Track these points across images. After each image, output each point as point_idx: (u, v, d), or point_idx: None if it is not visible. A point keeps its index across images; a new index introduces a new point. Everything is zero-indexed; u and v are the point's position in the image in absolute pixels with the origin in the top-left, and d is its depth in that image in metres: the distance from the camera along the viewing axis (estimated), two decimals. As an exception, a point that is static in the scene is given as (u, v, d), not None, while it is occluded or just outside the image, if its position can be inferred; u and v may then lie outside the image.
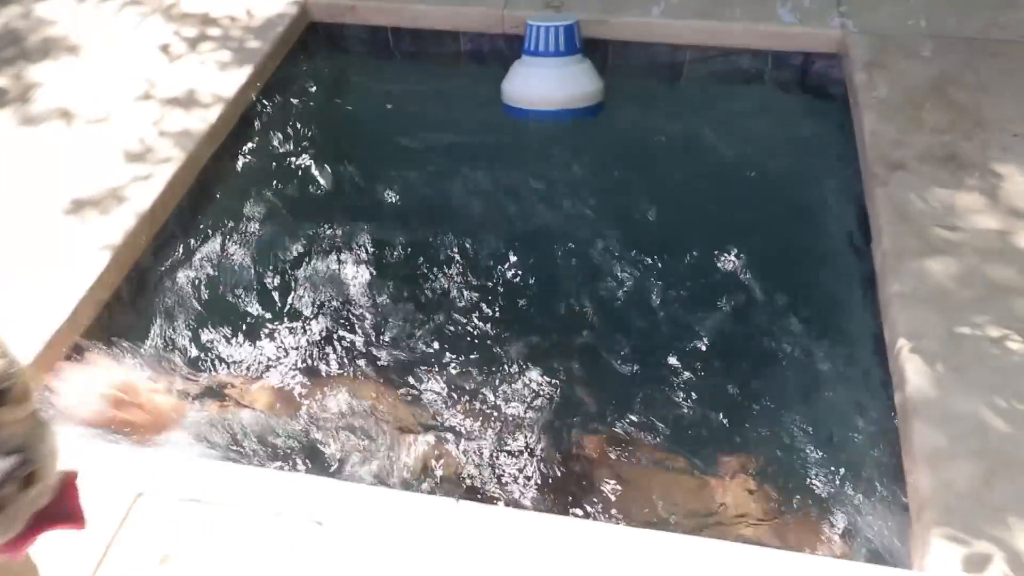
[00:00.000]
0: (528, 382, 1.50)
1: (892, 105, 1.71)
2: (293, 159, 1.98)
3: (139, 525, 1.11)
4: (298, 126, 2.03)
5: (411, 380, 1.52)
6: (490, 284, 1.72)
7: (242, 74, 1.93)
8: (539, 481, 1.34)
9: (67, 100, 1.87)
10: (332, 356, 1.59)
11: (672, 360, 1.57)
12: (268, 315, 1.67)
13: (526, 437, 1.41)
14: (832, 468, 1.33)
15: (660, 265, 1.72)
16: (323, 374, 1.56)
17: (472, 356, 1.57)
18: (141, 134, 1.76)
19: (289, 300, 1.70)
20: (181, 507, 1.12)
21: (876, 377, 1.38)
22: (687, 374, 1.54)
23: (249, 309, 1.67)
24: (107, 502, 1.12)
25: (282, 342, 1.62)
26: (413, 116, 2.19)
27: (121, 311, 1.54)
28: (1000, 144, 1.62)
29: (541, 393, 1.49)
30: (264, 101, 1.98)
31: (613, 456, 1.43)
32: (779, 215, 1.81)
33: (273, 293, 1.71)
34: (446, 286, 1.72)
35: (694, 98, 2.07)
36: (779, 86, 2.02)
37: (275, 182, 1.92)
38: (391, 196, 1.94)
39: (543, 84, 1.95)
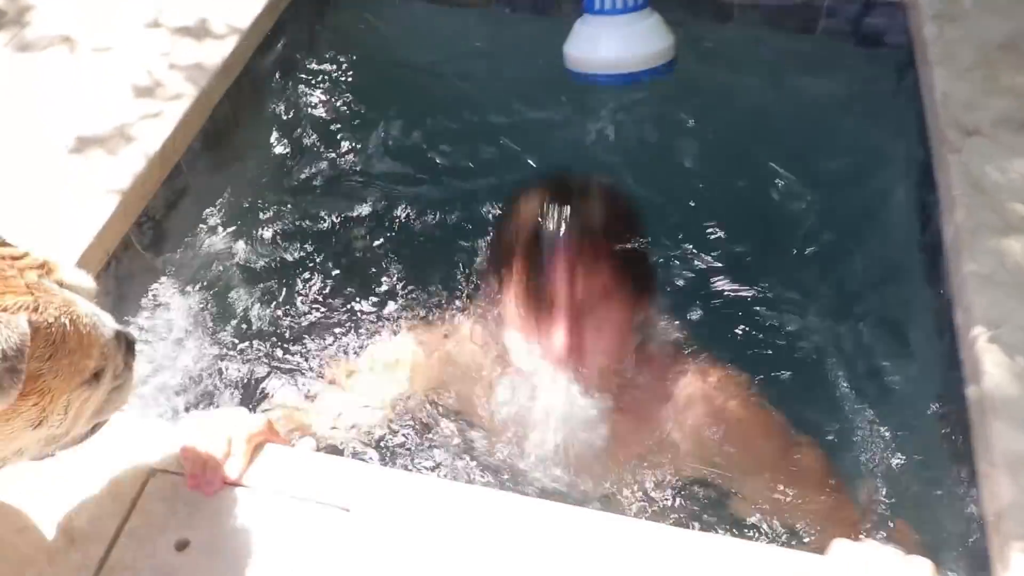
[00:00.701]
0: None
1: (966, 63, 1.62)
2: (314, 95, 1.90)
3: (154, 504, 1.08)
4: (318, 60, 1.94)
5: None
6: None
7: (258, 2, 1.83)
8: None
9: (68, 25, 1.80)
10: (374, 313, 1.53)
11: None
12: (291, 268, 1.61)
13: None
14: (896, 469, 1.26)
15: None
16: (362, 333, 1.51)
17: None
18: (149, 66, 1.70)
19: (316, 252, 1.63)
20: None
21: (941, 368, 1.30)
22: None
23: (269, 262, 1.61)
24: (123, 479, 1.11)
25: (311, 297, 1.57)
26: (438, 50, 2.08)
27: (129, 260, 1.47)
28: (1088, 108, 1.51)
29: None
30: (282, 31, 1.89)
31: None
32: (836, 180, 1.72)
33: (297, 241, 1.65)
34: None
35: (742, 46, 1.96)
36: (836, 34, 1.91)
37: (296, 121, 1.85)
38: (424, 137, 1.85)
39: (615, 45, 1.77)
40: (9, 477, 1.07)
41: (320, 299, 1.59)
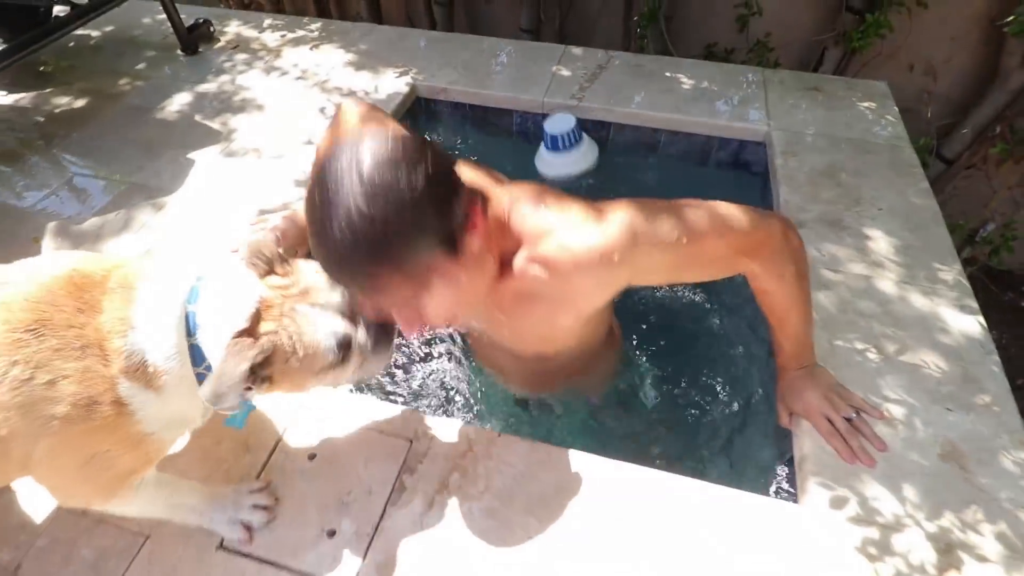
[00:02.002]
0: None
1: (798, 182, 1.64)
2: None
3: (296, 431, 1.10)
4: None
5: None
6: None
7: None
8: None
9: (258, 141, 1.83)
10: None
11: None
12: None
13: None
14: (741, 430, 1.30)
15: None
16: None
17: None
18: (305, 167, 1.72)
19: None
20: (319, 424, 1.10)
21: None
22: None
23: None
24: (270, 423, 1.11)
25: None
26: (476, 157, 2.12)
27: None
28: (870, 216, 1.55)
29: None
30: None
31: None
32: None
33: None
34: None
35: (666, 165, 1.99)
36: (721, 163, 1.94)
37: None
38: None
39: (562, 167, 1.90)
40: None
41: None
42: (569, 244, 0.82)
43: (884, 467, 1.06)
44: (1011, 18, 1.96)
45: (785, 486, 1.14)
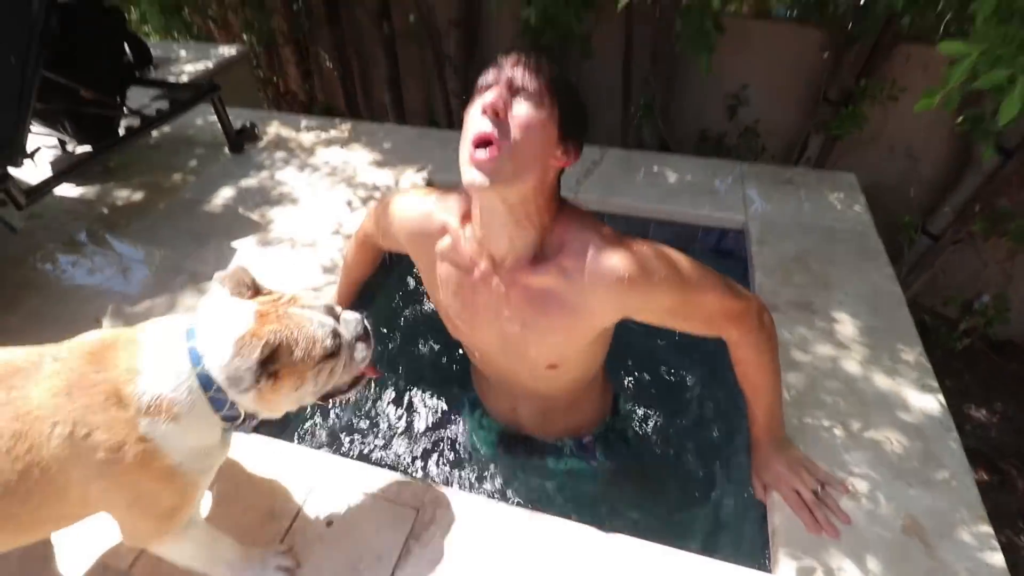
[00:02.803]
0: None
1: (771, 267, 1.74)
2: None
3: (316, 498, 1.16)
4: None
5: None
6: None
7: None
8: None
9: (292, 230, 1.97)
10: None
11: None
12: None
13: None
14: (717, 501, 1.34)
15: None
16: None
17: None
18: (333, 256, 1.85)
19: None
20: (336, 493, 1.17)
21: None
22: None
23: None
24: (293, 492, 1.19)
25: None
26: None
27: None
28: (837, 300, 1.65)
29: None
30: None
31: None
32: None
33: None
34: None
35: None
36: (706, 249, 2.05)
37: (413, 288, 1.95)
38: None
39: None
40: (235, 482, 1.15)
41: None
42: (600, 258, 0.93)
43: (849, 539, 1.11)
44: (960, 119, 2.12)
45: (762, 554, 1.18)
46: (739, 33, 2.53)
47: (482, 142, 0.86)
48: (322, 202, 2.13)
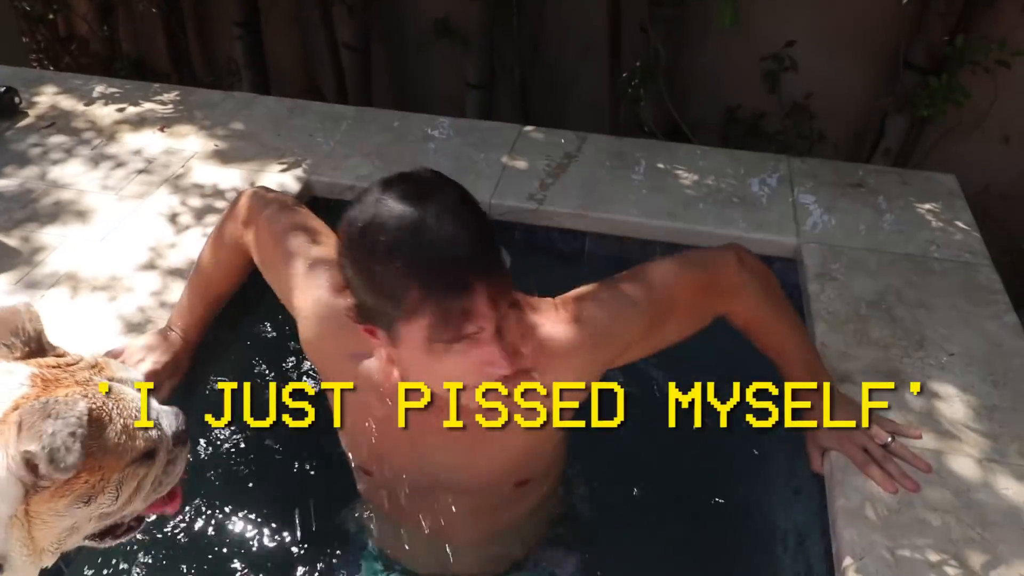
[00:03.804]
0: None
1: (839, 317, 1.81)
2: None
3: None
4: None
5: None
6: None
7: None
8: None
9: (75, 263, 1.93)
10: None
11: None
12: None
13: None
14: None
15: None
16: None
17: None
18: (144, 303, 1.82)
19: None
20: None
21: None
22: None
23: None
24: None
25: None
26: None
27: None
28: (938, 363, 1.72)
29: None
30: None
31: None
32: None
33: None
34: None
35: None
36: None
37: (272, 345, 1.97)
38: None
39: None
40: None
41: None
42: (552, 341, 1.20)
43: None
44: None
45: None
46: (779, -33, 2.74)
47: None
48: (129, 216, 2.10)
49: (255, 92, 3.28)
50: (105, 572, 1.51)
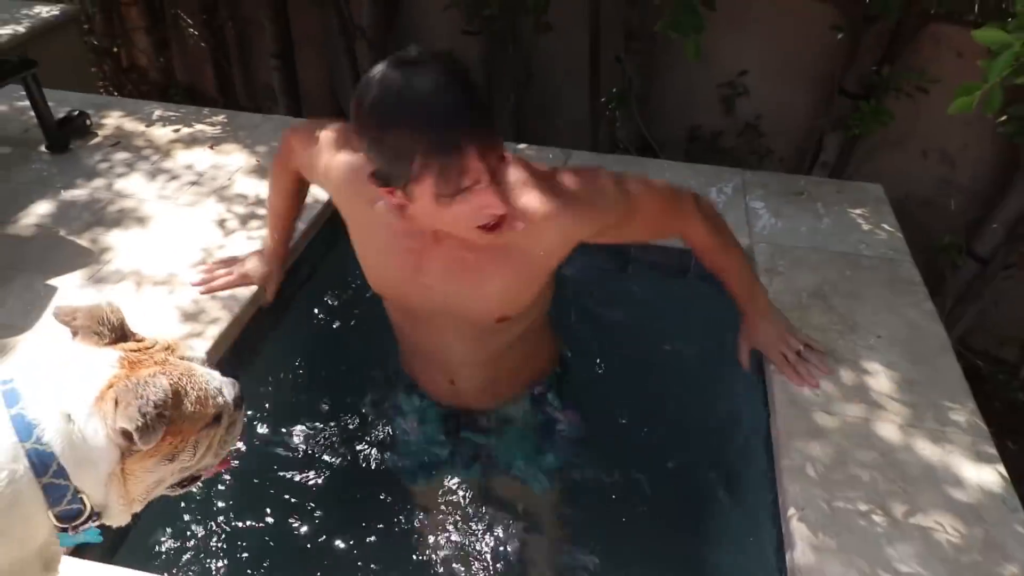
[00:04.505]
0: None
1: (784, 305, 1.81)
2: (328, 322, 2.07)
3: None
4: (327, 299, 2.11)
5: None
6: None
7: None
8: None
9: (136, 263, 1.93)
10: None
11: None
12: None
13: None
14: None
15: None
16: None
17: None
18: (196, 296, 1.82)
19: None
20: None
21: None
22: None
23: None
24: None
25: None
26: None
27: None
28: (867, 344, 1.74)
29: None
30: (296, 275, 2.02)
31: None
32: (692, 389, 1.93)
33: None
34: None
35: (641, 275, 2.20)
36: (703, 275, 2.04)
37: (311, 343, 1.98)
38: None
39: None
40: None
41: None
42: (545, 201, 1.24)
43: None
44: (1002, 119, 2.32)
45: None
46: (734, 6, 2.67)
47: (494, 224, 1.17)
48: (182, 223, 2.10)
49: (290, 115, 3.32)
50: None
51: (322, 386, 1.90)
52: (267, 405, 1.80)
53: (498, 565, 1.55)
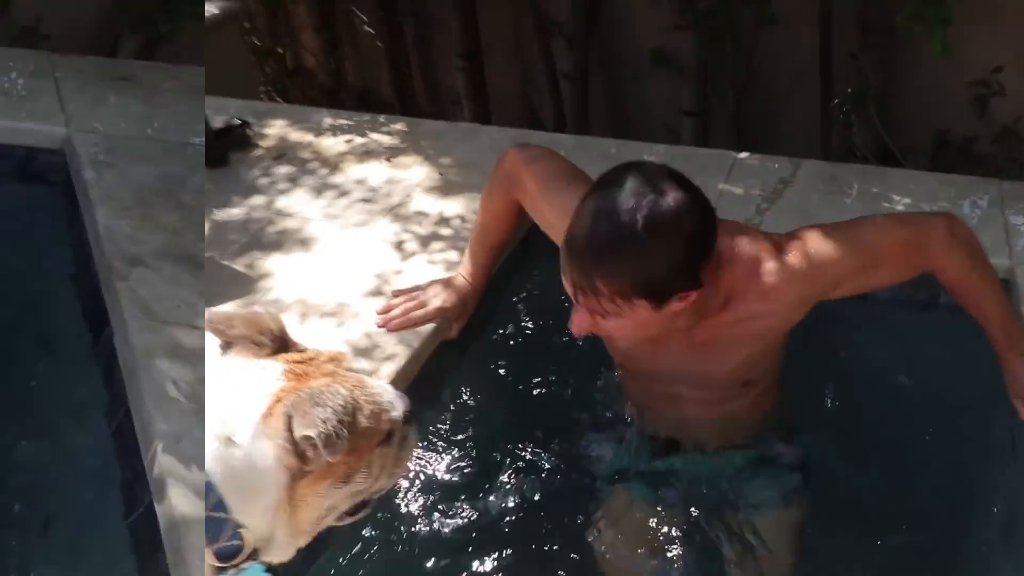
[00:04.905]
0: None
1: (125, 203, 1.65)
2: (523, 358, 1.83)
3: None
4: (520, 329, 1.90)
5: None
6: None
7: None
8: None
9: (300, 291, 1.76)
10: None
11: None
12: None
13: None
14: None
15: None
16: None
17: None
18: (369, 329, 1.63)
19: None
20: None
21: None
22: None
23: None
24: None
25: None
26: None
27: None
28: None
29: None
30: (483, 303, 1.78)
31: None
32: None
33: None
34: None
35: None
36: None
37: (499, 381, 1.76)
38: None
39: None
40: None
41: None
42: (774, 274, 1.24)
43: None
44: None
45: None
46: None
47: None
48: (353, 245, 1.91)
49: (476, 122, 3.13)
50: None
51: (516, 429, 1.68)
52: (452, 450, 1.60)
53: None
